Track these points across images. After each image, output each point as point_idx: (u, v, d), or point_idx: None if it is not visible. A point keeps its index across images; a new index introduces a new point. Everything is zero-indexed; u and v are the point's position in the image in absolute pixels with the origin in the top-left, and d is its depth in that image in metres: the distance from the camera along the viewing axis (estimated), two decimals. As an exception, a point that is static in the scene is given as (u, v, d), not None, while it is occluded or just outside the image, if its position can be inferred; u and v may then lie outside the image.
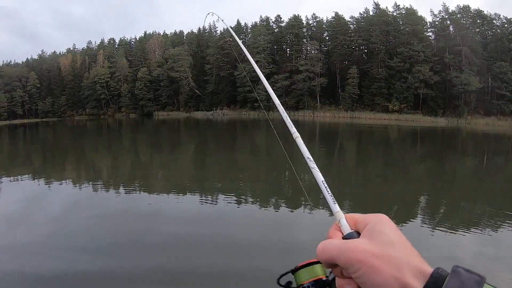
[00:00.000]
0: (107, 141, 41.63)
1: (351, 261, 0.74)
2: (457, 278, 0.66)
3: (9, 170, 21.85)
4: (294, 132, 1.27)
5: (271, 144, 30.37)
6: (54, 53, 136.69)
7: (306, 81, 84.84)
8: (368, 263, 0.72)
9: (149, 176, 18.95)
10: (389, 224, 0.80)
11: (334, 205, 0.94)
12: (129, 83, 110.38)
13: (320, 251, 0.81)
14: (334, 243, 0.80)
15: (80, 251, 8.37)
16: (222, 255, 8.03)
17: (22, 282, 6.99)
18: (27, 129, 74.88)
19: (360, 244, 0.76)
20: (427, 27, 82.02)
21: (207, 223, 10.32)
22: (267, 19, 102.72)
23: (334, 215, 0.90)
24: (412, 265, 0.71)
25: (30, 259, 7.99)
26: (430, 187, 15.58)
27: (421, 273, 0.70)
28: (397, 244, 0.75)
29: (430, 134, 46.64)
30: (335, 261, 0.78)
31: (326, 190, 0.98)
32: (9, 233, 9.81)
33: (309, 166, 1.08)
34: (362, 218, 0.85)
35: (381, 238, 0.76)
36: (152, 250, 8.41)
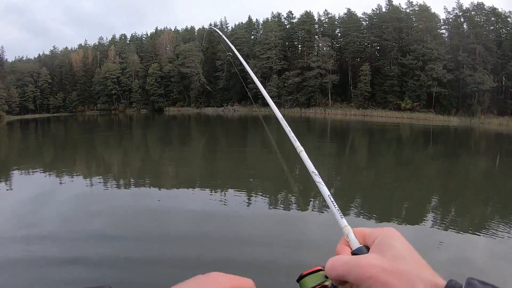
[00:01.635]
0: (117, 136, 41.84)
1: (362, 277, 0.73)
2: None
3: (20, 164, 22.16)
4: (297, 147, 1.25)
5: (282, 141, 30.27)
6: (65, 49, 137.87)
7: (318, 78, 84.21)
8: (379, 279, 0.71)
9: (159, 171, 19.03)
10: (399, 238, 0.79)
11: (342, 219, 0.92)
12: (140, 78, 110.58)
13: (330, 268, 0.80)
14: (343, 260, 0.79)
15: (91, 241, 8.59)
16: (231, 249, 8.11)
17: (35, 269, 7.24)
18: (38, 124, 75.58)
19: (370, 260, 0.75)
20: (441, 24, 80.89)
21: (216, 218, 10.35)
22: (279, 15, 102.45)
23: (342, 230, 0.89)
24: (424, 278, 0.69)
25: (41, 246, 8.32)
26: (442, 187, 15.43)
27: (434, 286, 0.69)
28: (408, 258, 0.74)
29: (442, 133, 46.10)
30: (345, 278, 0.77)
31: (332, 205, 0.97)
32: (20, 225, 9.95)
33: (314, 181, 1.07)
34: (371, 232, 0.84)
35: (392, 252, 0.75)
36: (160, 244, 8.53)
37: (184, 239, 8.81)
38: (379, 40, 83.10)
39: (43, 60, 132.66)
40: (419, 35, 76.06)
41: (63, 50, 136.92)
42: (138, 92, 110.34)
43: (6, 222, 10.28)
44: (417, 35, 76.49)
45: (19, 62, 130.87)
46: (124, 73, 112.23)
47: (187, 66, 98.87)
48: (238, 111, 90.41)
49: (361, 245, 0.83)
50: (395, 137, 39.42)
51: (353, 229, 0.88)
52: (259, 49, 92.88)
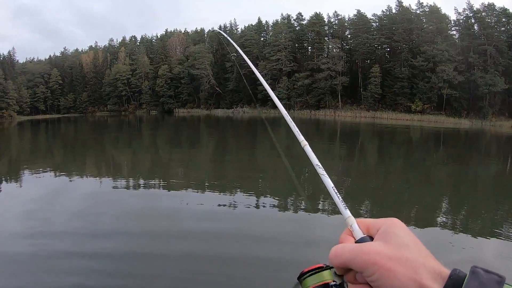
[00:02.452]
0: (127, 137, 42.17)
1: (366, 264, 0.73)
2: (477, 279, 0.65)
3: (30, 163, 22.56)
4: (302, 140, 1.27)
5: (292, 143, 30.25)
6: (76, 50, 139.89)
7: (328, 79, 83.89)
8: (383, 265, 0.71)
9: (168, 172, 19.14)
10: (402, 227, 0.79)
11: (345, 210, 0.93)
12: (150, 80, 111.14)
13: (334, 256, 0.80)
14: (347, 247, 0.80)
15: (99, 238, 8.83)
16: (240, 247, 8.27)
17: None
18: (49, 124, 76.32)
19: (374, 247, 0.75)
20: (451, 26, 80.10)
21: (225, 219, 10.46)
22: (288, 17, 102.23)
23: (346, 220, 0.89)
24: (428, 266, 0.70)
25: (51, 243, 8.55)
26: (453, 190, 15.38)
27: (438, 274, 0.69)
28: (411, 246, 0.74)
29: (453, 136, 45.94)
30: (349, 265, 0.77)
31: (336, 196, 0.98)
32: (30, 222, 10.06)
33: (318, 174, 1.07)
34: (374, 223, 0.85)
35: (396, 240, 0.75)
36: (168, 242, 8.72)
37: (192, 237, 8.93)
38: (389, 42, 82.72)
39: (54, 61, 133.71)
40: (430, 36, 75.59)
41: (74, 52, 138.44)
42: (148, 94, 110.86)
43: (15, 220, 10.42)
44: (428, 36, 76.04)
45: (30, 63, 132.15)
46: (134, 74, 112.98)
47: (197, 67, 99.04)
48: (247, 113, 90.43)
49: (365, 235, 0.83)
50: (405, 140, 39.27)
51: (356, 219, 0.88)
52: (268, 50, 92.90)
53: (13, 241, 8.74)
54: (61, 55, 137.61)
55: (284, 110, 1.54)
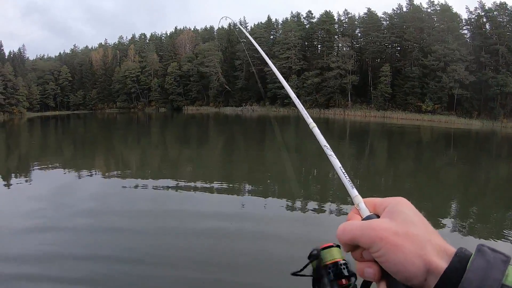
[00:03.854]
0: (136, 134, 42.81)
1: (373, 239, 0.74)
2: (483, 257, 0.66)
3: (39, 159, 22.98)
4: (310, 123, 1.29)
5: (300, 141, 30.46)
6: (86, 47, 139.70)
7: (337, 78, 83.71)
8: (390, 241, 0.72)
9: (177, 170, 19.27)
10: (409, 205, 0.80)
11: (352, 189, 0.93)
12: (159, 77, 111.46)
13: (341, 232, 0.81)
14: (355, 224, 0.81)
15: (105, 235, 9.10)
16: (247, 246, 8.48)
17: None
18: (58, 120, 76.92)
19: (382, 223, 0.76)
20: (463, 25, 79.59)
21: (232, 217, 10.66)
22: (298, 15, 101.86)
23: (353, 199, 0.90)
24: (434, 243, 0.71)
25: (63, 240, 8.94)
26: (462, 191, 15.40)
27: (444, 251, 0.70)
28: (418, 223, 0.75)
29: (463, 136, 45.85)
30: (356, 241, 0.78)
31: (344, 175, 0.99)
32: (39, 219, 10.21)
33: (326, 154, 1.09)
34: (381, 201, 0.85)
35: (402, 217, 0.76)
36: (176, 238, 8.95)
37: (199, 234, 9.15)
38: (400, 41, 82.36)
39: (63, 58, 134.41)
40: (441, 35, 75.04)
41: (84, 49, 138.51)
42: (157, 91, 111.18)
43: (24, 216, 10.61)
44: (439, 35, 75.48)
45: (40, 60, 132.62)
46: (144, 72, 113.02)
47: (206, 65, 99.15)
48: (256, 111, 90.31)
49: (372, 213, 0.85)
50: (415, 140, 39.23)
51: (363, 199, 0.89)
52: (278, 49, 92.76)
53: (21, 237, 8.90)
54: (71, 53, 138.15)
55: (293, 94, 1.57)
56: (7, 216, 10.81)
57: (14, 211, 11.40)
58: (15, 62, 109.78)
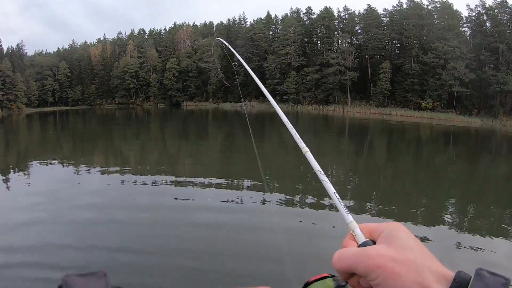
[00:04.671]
0: (135, 130, 42.95)
1: (370, 267, 0.73)
2: (482, 281, 0.65)
3: (37, 155, 23.06)
4: (303, 147, 1.26)
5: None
6: (84, 43, 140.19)
7: (337, 74, 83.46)
8: (388, 268, 0.71)
9: (175, 166, 19.38)
10: (405, 231, 0.79)
11: (347, 215, 0.92)
12: (158, 73, 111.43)
13: (337, 260, 0.80)
14: (351, 251, 0.79)
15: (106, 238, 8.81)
16: (244, 246, 8.36)
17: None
18: (57, 116, 77.10)
19: (378, 250, 0.75)
20: (463, 22, 79.20)
21: (230, 212, 10.67)
22: (298, 11, 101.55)
23: (348, 225, 0.89)
24: (433, 269, 0.70)
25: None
26: (461, 189, 15.34)
27: (443, 276, 0.69)
28: (415, 249, 0.74)
29: (463, 134, 45.60)
30: (352, 269, 0.77)
31: (338, 201, 0.97)
32: (37, 214, 10.26)
33: (320, 179, 1.08)
34: (376, 227, 0.84)
35: (399, 243, 0.75)
36: (175, 236, 8.85)
37: (197, 229, 9.19)
38: (400, 37, 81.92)
39: (62, 54, 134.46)
40: (441, 32, 74.78)
41: (82, 44, 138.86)
42: (156, 87, 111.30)
43: (22, 211, 10.64)
44: (439, 32, 75.21)
45: (38, 56, 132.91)
46: (142, 67, 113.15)
47: (205, 61, 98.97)
48: (255, 107, 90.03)
49: (367, 239, 0.83)
50: (414, 138, 39.27)
51: (359, 224, 0.88)
52: (277, 45, 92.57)
53: (19, 232, 8.95)
54: (69, 48, 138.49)
55: (285, 118, 1.54)
56: (7, 209, 10.94)
57: (14, 204, 11.48)
58: (13, 58, 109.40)
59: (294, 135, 1.36)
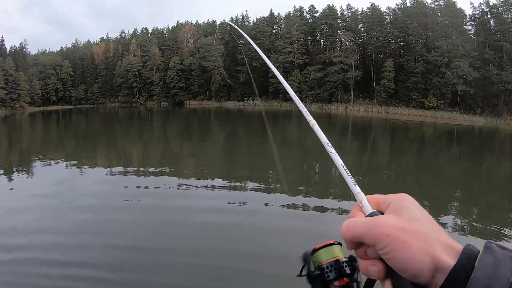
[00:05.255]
0: (138, 129, 43.07)
1: (379, 236, 0.73)
2: (491, 254, 0.65)
3: (40, 154, 23.36)
4: (310, 120, 1.25)
5: (302, 136, 30.49)
6: (87, 42, 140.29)
7: (340, 73, 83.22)
8: (397, 237, 0.71)
9: (179, 165, 19.54)
10: (413, 202, 0.79)
11: (355, 186, 0.92)
12: (161, 72, 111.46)
13: (345, 229, 0.79)
14: (359, 220, 0.79)
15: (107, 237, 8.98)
16: (248, 242, 8.55)
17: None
18: (60, 115, 77.38)
19: (387, 219, 0.75)
20: (467, 21, 78.68)
21: (233, 212, 10.80)
22: (301, 9, 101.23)
23: (356, 197, 0.89)
24: (442, 240, 0.71)
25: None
26: (464, 189, 15.25)
27: (451, 248, 0.69)
28: (424, 219, 0.74)
29: (466, 133, 45.59)
30: (361, 239, 0.77)
31: (346, 173, 0.97)
32: (39, 215, 10.41)
33: (327, 151, 1.07)
34: (385, 198, 0.84)
35: (408, 214, 0.75)
36: (177, 237, 8.98)
37: (199, 229, 9.29)
38: (403, 36, 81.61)
39: (65, 53, 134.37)
40: (445, 31, 74.40)
41: (85, 43, 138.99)
42: (159, 85, 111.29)
43: (24, 211, 10.72)
44: (443, 31, 74.82)
45: (41, 55, 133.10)
46: (145, 66, 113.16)
47: (208, 59, 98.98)
48: (258, 105, 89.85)
49: (375, 210, 0.83)
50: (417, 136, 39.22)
51: (366, 196, 0.88)
52: (280, 43, 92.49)
53: (21, 234, 8.97)
54: (72, 47, 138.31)
55: (292, 92, 1.50)
56: (9, 208, 11.06)
57: (16, 203, 11.59)
58: (16, 57, 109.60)
59: (301, 108, 1.34)
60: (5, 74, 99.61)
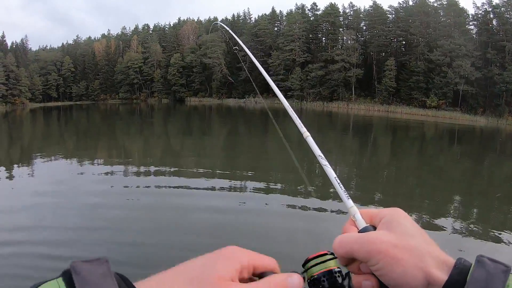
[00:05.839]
0: (138, 125, 43.38)
1: (371, 253, 0.72)
2: (483, 268, 0.65)
3: (41, 150, 23.51)
4: (304, 132, 1.25)
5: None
6: (89, 38, 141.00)
7: (342, 71, 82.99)
8: (389, 253, 0.70)
9: (178, 162, 19.26)
10: (406, 217, 0.79)
11: (348, 200, 0.91)
12: (162, 68, 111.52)
13: (338, 245, 0.79)
14: (352, 236, 0.79)
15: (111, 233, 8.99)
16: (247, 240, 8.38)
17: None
18: (61, 111, 77.64)
19: (380, 235, 0.74)
20: (469, 20, 78.35)
21: (233, 211, 10.68)
22: (303, 7, 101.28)
23: (349, 211, 0.88)
24: (434, 255, 0.70)
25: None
26: (464, 190, 15.12)
27: (444, 263, 0.69)
28: (416, 235, 0.74)
29: (468, 133, 45.50)
30: (353, 255, 0.76)
31: (339, 186, 0.96)
32: (40, 212, 10.36)
33: (321, 164, 1.06)
34: (377, 213, 0.84)
35: (400, 229, 0.74)
36: (176, 231, 9.07)
37: (199, 227, 9.18)
38: (405, 35, 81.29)
39: (66, 49, 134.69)
40: (447, 30, 74.14)
41: (86, 40, 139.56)
42: (160, 82, 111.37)
43: (25, 208, 10.68)
44: (445, 30, 74.54)
45: (42, 51, 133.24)
46: (146, 62, 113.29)
47: (209, 56, 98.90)
48: (259, 103, 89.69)
49: (368, 224, 0.83)
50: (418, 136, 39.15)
51: (359, 210, 0.87)
52: (282, 41, 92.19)
53: (22, 229, 8.98)
54: (73, 43, 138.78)
55: (286, 103, 1.53)
56: (9, 207, 10.94)
57: (17, 201, 11.55)
58: (17, 53, 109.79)
59: (295, 119, 1.34)
60: (6, 70, 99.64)
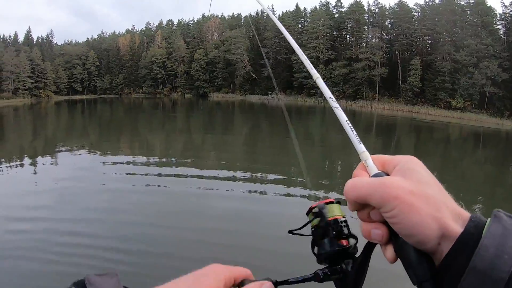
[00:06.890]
0: (162, 119, 44.64)
1: (387, 198, 0.69)
2: (499, 223, 0.63)
3: (65, 141, 24.56)
4: (314, 73, 1.22)
5: (325, 132, 30.49)
6: (113, 33, 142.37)
7: (366, 70, 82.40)
8: (405, 200, 0.67)
9: (200, 157, 19.80)
10: (421, 165, 0.76)
11: (360, 145, 0.86)
12: (186, 64, 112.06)
13: (350, 188, 0.76)
14: (365, 180, 0.76)
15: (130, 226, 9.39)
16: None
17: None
18: (85, 104, 78.98)
19: (396, 181, 0.71)
20: (497, 19, 77.08)
21: (253, 205, 11.18)
22: (327, 4, 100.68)
23: (360, 155, 0.84)
24: (450, 206, 0.69)
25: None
26: (487, 194, 15.15)
27: (459, 215, 0.68)
28: (432, 184, 0.72)
29: (493, 136, 45.14)
30: (366, 199, 0.73)
31: (350, 130, 0.91)
32: (60, 205, 10.78)
33: (331, 106, 1.03)
34: (390, 159, 0.80)
35: (417, 177, 0.72)
36: (198, 227, 9.32)
37: (219, 220, 9.68)
38: (431, 33, 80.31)
39: (91, 43, 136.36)
40: (474, 29, 72.98)
41: (111, 35, 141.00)
42: (183, 77, 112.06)
43: (48, 198, 11.29)
44: (472, 29, 73.38)
45: (68, 46, 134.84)
46: (170, 58, 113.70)
47: (232, 52, 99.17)
48: (282, 100, 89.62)
49: (380, 171, 0.79)
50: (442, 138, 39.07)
51: (371, 155, 0.84)
52: (306, 38, 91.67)
53: (43, 221, 9.37)
54: (98, 38, 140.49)
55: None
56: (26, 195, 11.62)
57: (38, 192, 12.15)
58: (43, 47, 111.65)
59: (304, 61, 1.28)
60: (32, 64, 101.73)
